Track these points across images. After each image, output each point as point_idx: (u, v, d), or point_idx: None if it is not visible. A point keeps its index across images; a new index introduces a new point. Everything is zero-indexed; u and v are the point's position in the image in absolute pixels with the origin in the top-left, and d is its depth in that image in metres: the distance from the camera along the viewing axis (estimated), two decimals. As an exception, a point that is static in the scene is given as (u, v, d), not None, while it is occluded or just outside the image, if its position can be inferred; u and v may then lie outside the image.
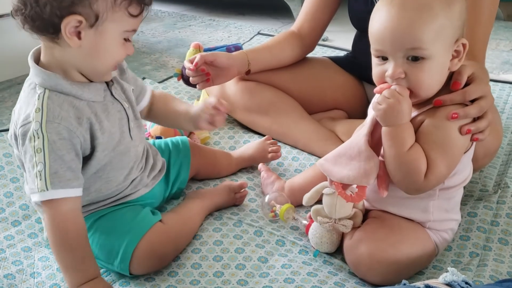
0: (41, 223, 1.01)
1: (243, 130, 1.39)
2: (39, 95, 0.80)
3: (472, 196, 1.09)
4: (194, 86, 1.23)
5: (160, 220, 0.91)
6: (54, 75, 0.80)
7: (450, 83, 0.82)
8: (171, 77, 1.76)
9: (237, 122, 1.42)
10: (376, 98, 0.80)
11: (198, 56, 1.16)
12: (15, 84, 1.77)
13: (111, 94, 0.88)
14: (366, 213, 0.94)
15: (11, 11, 0.80)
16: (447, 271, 0.67)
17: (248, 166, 1.23)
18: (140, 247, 0.85)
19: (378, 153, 0.83)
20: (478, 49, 1.06)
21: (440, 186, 0.85)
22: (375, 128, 0.83)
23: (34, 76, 0.82)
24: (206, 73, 1.17)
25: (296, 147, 1.31)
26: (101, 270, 0.90)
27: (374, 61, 0.82)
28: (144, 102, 0.99)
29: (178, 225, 0.93)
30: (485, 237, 0.97)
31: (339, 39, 2.19)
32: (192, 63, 1.16)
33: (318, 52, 1.63)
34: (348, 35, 1.48)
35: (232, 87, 1.34)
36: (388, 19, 0.77)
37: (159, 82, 1.70)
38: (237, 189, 1.08)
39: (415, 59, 0.77)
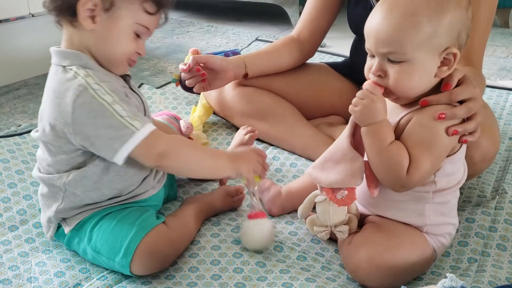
0: (39, 227, 1.01)
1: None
2: (76, 67, 0.83)
3: (470, 202, 1.09)
4: (192, 91, 1.23)
5: (164, 222, 0.92)
6: (83, 54, 0.85)
7: (441, 85, 0.82)
8: (169, 82, 1.76)
9: (235, 128, 1.42)
10: (354, 99, 0.83)
11: (191, 58, 1.17)
12: (12, 90, 1.77)
13: (130, 86, 0.92)
14: (363, 218, 0.94)
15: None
16: (445, 277, 0.67)
17: None
18: (143, 244, 0.85)
19: (362, 154, 0.85)
20: (475, 55, 1.07)
21: (433, 189, 0.85)
22: (356, 129, 0.85)
23: (60, 61, 0.85)
24: (201, 74, 1.17)
25: (294, 153, 1.31)
26: (99, 274, 0.90)
27: (368, 57, 0.85)
28: None
29: (178, 228, 0.93)
30: (483, 243, 0.97)
31: (337, 45, 2.20)
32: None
33: (316, 58, 1.64)
34: (345, 41, 1.49)
35: (230, 92, 1.34)
36: (375, 19, 0.81)
37: (157, 88, 1.70)
38: (234, 193, 1.08)
39: (394, 60, 0.80)
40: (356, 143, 0.86)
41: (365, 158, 0.85)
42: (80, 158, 0.87)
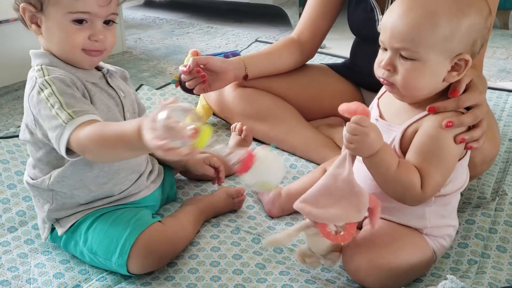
0: (38, 229, 1.01)
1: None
2: (36, 69, 0.84)
3: (470, 203, 1.09)
4: (192, 92, 1.23)
5: (159, 221, 0.92)
6: (50, 54, 0.86)
7: (449, 90, 0.82)
8: (169, 83, 1.76)
9: (235, 129, 1.42)
10: (345, 134, 0.79)
11: (191, 59, 1.17)
12: (12, 91, 1.77)
13: (107, 81, 0.91)
14: (363, 220, 0.93)
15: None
16: (445, 279, 0.67)
17: None
18: (138, 243, 0.85)
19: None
20: (476, 57, 1.07)
21: (436, 194, 0.85)
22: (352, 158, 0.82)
23: (33, 61, 0.87)
24: (201, 75, 1.17)
25: (294, 154, 1.30)
26: (98, 276, 0.90)
27: (380, 51, 0.85)
28: None
29: (176, 227, 0.93)
30: (483, 245, 0.97)
31: (337, 46, 2.20)
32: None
33: (316, 60, 1.64)
34: (345, 42, 1.49)
35: (230, 93, 1.34)
36: (394, 13, 0.80)
37: (157, 89, 1.70)
38: (235, 194, 1.08)
39: (406, 57, 0.79)
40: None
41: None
42: (56, 153, 0.84)
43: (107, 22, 0.86)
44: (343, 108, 0.80)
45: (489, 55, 2.20)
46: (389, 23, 0.80)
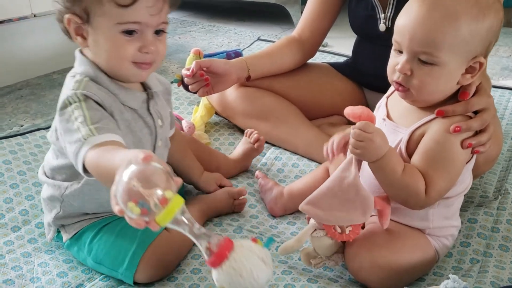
0: (41, 228, 1.01)
1: (243, 137, 1.39)
2: (78, 79, 0.80)
3: (472, 202, 1.09)
4: (194, 92, 1.23)
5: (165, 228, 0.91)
6: (97, 70, 0.81)
7: (459, 93, 0.81)
8: (171, 82, 1.75)
9: (237, 128, 1.42)
10: (350, 139, 0.78)
11: (194, 62, 1.17)
12: (15, 90, 1.77)
13: (148, 107, 0.86)
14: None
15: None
16: (447, 278, 0.67)
17: (247, 165, 1.23)
18: (147, 255, 0.84)
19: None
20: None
21: (440, 199, 0.85)
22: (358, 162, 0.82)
23: (77, 66, 0.83)
24: (205, 78, 1.17)
25: (296, 153, 1.31)
26: (101, 275, 0.90)
27: (392, 52, 0.83)
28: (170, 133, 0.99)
29: (179, 234, 0.92)
30: (485, 244, 0.97)
31: (338, 45, 2.20)
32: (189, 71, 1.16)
33: (318, 58, 1.64)
34: (347, 41, 1.48)
35: (232, 93, 1.34)
36: (414, 15, 0.78)
37: (159, 88, 1.70)
38: (236, 195, 1.07)
39: (425, 61, 0.77)
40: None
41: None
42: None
43: (157, 32, 0.80)
44: (348, 112, 0.79)
45: (492, 53, 2.17)
46: (408, 26, 0.78)
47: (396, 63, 0.80)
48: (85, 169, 0.71)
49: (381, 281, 0.83)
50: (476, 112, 0.82)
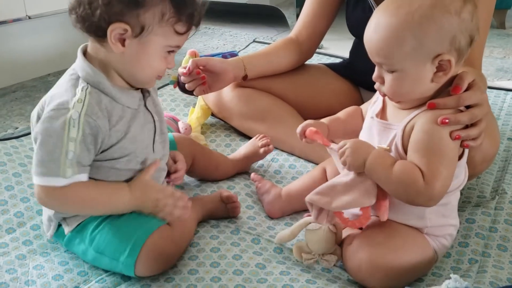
0: (36, 230, 1.00)
1: (240, 138, 1.39)
2: (82, 88, 0.82)
3: (470, 202, 1.09)
4: (190, 93, 1.23)
5: (167, 223, 0.91)
6: (100, 74, 0.84)
7: (451, 87, 0.82)
8: (167, 84, 1.75)
9: (233, 129, 1.41)
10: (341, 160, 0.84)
11: (190, 61, 1.16)
12: (10, 92, 1.76)
13: (145, 104, 0.90)
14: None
15: (69, 8, 0.83)
16: (448, 278, 0.67)
17: (245, 167, 1.23)
18: (148, 244, 0.85)
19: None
20: (475, 56, 1.07)
21: (447, 189, 0.84)
22: None
23: (79, 69, 0.85)
24: (201, 77, 1.17)
25: (293, 154, 1.30)
26: (97, 277, 0.89)
27: None
28: None
29: (180, 227, 0.93)
30: (483, 244, 0.97)
31: (334, 46, 2.20)
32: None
33: (314, 60, 1.63)
34: (343, 43, 1.49)
35: (228, 94, 1.34)
36: (368, 30, 0.83)
37: (155, 90, 1.69)
38: (225, 200, 1.05)
39: (387, 70, 0.82)
40: None
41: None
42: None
43: None
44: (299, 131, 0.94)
45: (486, 54, 2.20)
46: (365, 39, 0.83)
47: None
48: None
49: (380, 281, 0.83)
50: (468, 108, 0.82)
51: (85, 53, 0.86)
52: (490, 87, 1.70)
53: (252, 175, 1.15)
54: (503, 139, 1.35)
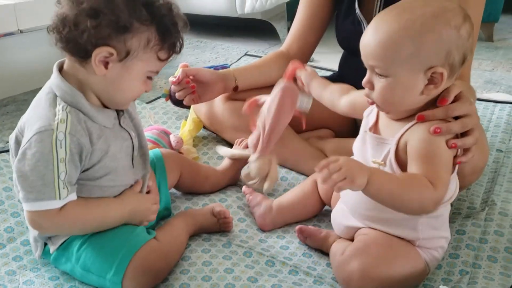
0: (27, 245, 0.99)
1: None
2: (62, 107, 0.82)
3: (460, 213, 1.09)
4: (182, 106, 1.23)
5: (155, 238, 0.91)
6: (77, 93, 0.83)
7: (438, 99, 0.83)
8: (159, 97, 1.75)
9: (225, 142, 1.42)
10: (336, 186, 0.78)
11: (180, 70, 1.17)
12: (1, 106, 1.76)
13: (119, 123, 0.90)
14: (355, 231, 0.93)
15: (48, 27, 0.82)
16: (439, 289, 0.67)
17: (235, 174, 1.23)
18: (135, 260, 0.84)
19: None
20: (464, 69, 1.08)
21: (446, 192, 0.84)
22: None
23: (55, 87, 0.84)
24: (191, 86, 1.17)
25: (284, 166, 1.31)
26: (88, 293, 0.88)
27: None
28: None
29: (169, 241, 0.93)
30: (474, 255, 0.97)
31: (324, 60, 2.22)
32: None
33: (305, 73, 1.65)
34: (333, 56, 1.50)
35: (220, 106, 1.34)
36: (367, 32, 0.83)
37: (147, 103, 1.70)
38: (217, 215, 1.05)
39: (380, 74, 0.81)
40: None
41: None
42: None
43: None
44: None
45: (475, 67, 2.23)
46: (362, 42, 0.83)
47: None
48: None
49: (371, 292, 0.83)
50: (458, 118, 0.83)
51: (60, 69, 0.86)
52: (479, 99, 1.72)
53: (244, 187, 1.16)
54: (492, 151, 1.36)
